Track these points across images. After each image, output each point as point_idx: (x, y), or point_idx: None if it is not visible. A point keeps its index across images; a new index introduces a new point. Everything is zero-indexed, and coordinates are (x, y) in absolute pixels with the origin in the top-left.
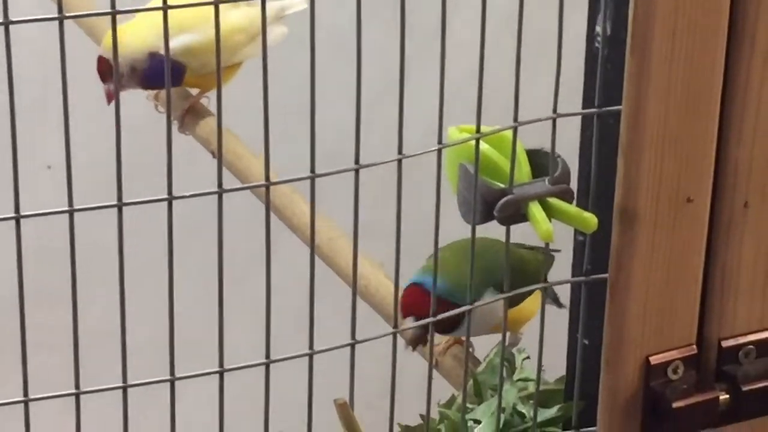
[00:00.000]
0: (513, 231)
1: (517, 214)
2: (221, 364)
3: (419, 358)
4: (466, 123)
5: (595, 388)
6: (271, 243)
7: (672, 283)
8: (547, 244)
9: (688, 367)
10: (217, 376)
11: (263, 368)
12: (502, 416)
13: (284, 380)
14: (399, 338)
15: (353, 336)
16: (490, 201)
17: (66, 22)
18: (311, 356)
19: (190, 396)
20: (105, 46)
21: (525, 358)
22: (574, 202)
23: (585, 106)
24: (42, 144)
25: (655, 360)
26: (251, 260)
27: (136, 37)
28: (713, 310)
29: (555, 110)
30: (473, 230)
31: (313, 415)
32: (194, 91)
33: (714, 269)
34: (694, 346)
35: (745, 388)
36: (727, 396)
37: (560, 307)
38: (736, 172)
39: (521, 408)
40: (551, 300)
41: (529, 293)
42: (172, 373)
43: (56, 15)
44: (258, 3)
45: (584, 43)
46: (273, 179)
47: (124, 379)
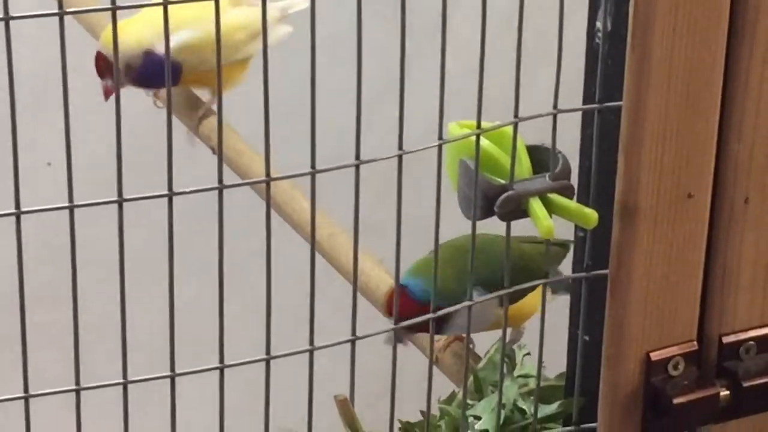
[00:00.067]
0: (521, 226)
1: (517, 210)
2: (221, 360)
3: (420, 354)
4: (467, 119)
5: (596, 384)
6: (271, 239)
7: (672, 278)
8: (548, 240)
9: (688, 363)
10: (217, 372)
11: (263, 364)
12: (503, 412)
13: (285, 377)
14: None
15: (353, 332)
16: (490, 197)
17: (66, 18)
18: (311, 352)
19: (190, 392)
20: (103, 43)
21: (525, 355)
22: (575, 198)
23: (585, 102)
24: (42, 141)
25: (655, 356)
26: (252, 257)
27: (131, 36)
28: (714, 306)
29: (555, 106)
30: (473, 226)
31: (314, 411)
32: (203, 95)
33: (714, 265)
34: (695, 342)
35: (746, 384)
36: (727, 392)
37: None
38: (736, 167)
39: (522, 404)
40: (565, 291)
41: (531, 289)
42: (173, 369)
43: (56, 11)
44: (259, 2)
45: (585, 39)
46: (273, 175)
47: (125, 375)
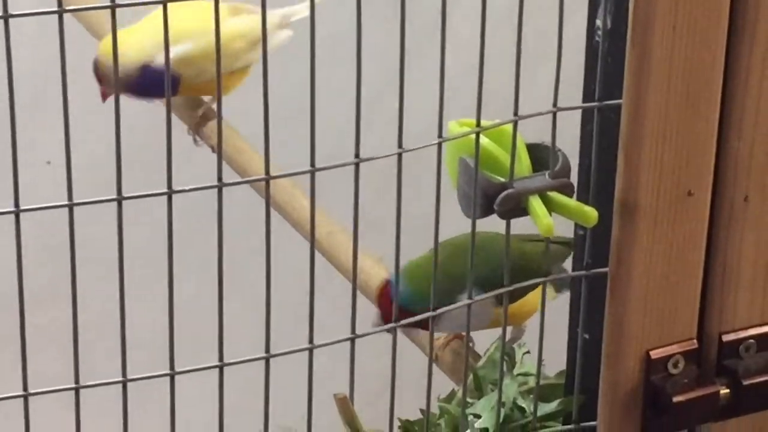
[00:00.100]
0: (521, 224)
1: (517, 208)
2: (221, 359)
3: (419, 352)
4: (466, 117)
5: (596, 383)
6: (271, 238)
7: (672, 277)
8: (548, 238)
9: (688, 362)
10: (216, 370)
11: (263, 363)
12: (503, 411)
13: (284, 375)
14: (398, 332)
15: (353, 330)
16: (490, 195)
17: (66, 16)
18: (311, 350)
19: (190, 390)
20: (101, 51)
21: (525, 353)
22: (575, 196)
23: (585, 99)
24: (41, 140)
25: (655, 354)
26: (251, 255)
27: (131, 47)
28: (714, 305)
29: (555, 104)
30: (473, 224)
31: (313, 409)
32: (206, 98)
33: (714, 263)
34: (695, 341)
35: (746, 382)
36: (727, 390)
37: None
38: (736, 166)
39: (521, 402)
40: (569, 288)
41: (532, 288)
42: (172, 367)
43: (55, 8)
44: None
45: (584, 37)
46: (273, 174)
47: (124, 374)
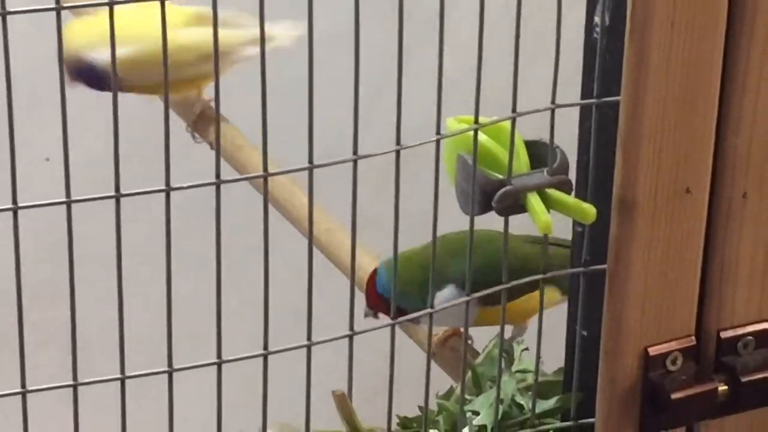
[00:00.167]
0: (520, 221)
1: (515, 205)
2: (219, 356)
3: (417, 349)
4: (465, 114)
5: (594, 380)
6: (269, 234)
7: (671, 274)
8: (546, 235)
9: (686, 358)
10: (215, 367)
11: (261, 359)
12: (501, 407)
13: (282, 372)
14: (397, 328)
15: (351, 327)
16: (488, 192)
17: (63, 13)
18: (309, 347)
19: (188, 387)
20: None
21: (524, 350)
22: (573, 193)
23: (584, 96)
24: (40, 137)
25: (653, 351)
26: (249, 252)
27: (76, 38)
28: (712, 301)
29: (553, 101)
30: (471, 221)
31: (312, 406)
32: (206, 95)
33: (713, 260)
34: (693, 337)
35: (744, 379)
36: (725, 387)
37: None
38: (734, 162)
39: (520, 399)
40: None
41: (534, 288)
42: (170, 364)
43: (53, 5)
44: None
45: (583, 34)
46: (271, 171)
47: (122, 371)
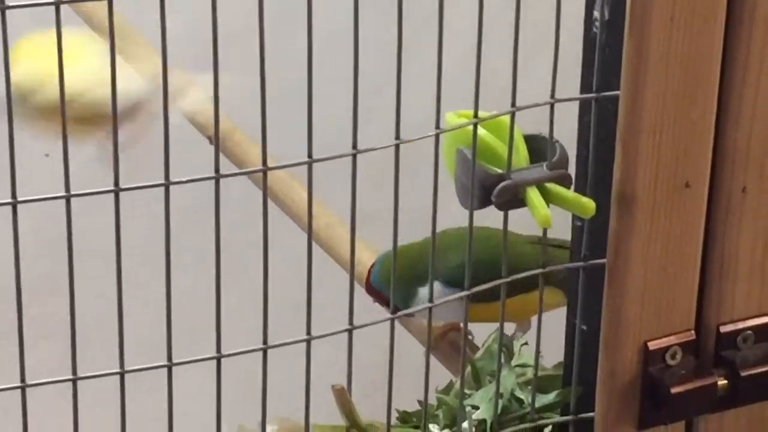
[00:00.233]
0: (519, 216)
1: (514, 199)
2: (219, 350)
3: (417, 344)
4: (464, 108)
5: (594, 374)
6: (268, 229)
7: (670, 268)
8: (545, 230)
9: (686, 353)
10: (214, 362)
11: (261, 354)
12: (500, 402)
13: (282, 366)
14: (396, 323)
15: (351, 322)
16: (487, 186)
17: (63, 8)
18: (309, 342)
19: (187, 382)
20: None
21: (523, 344)
22: (572, 188)
23: (583, 91)
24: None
25: (653, 345)
26: (249, 247)
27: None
28: (711, 296)
29: (553, 95)
30: (470, 216)
31: (311, 401)
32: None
33: (712, 254)
34: (693, 332)
35: (744, 373)
36: (725, 381)
37: None
38: (734, 157)
39: (519, 394)
40: None
41: (533, 286)
42: (170, 359)
43: (52, 0)
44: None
45: (582, 28)
46: (271, 165)
47: (122, 365)
